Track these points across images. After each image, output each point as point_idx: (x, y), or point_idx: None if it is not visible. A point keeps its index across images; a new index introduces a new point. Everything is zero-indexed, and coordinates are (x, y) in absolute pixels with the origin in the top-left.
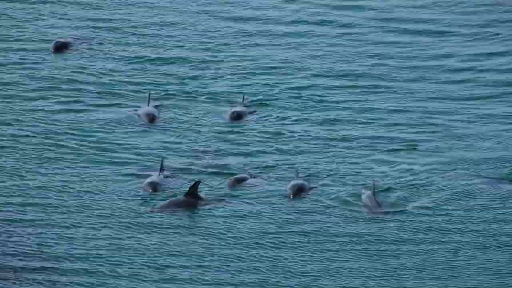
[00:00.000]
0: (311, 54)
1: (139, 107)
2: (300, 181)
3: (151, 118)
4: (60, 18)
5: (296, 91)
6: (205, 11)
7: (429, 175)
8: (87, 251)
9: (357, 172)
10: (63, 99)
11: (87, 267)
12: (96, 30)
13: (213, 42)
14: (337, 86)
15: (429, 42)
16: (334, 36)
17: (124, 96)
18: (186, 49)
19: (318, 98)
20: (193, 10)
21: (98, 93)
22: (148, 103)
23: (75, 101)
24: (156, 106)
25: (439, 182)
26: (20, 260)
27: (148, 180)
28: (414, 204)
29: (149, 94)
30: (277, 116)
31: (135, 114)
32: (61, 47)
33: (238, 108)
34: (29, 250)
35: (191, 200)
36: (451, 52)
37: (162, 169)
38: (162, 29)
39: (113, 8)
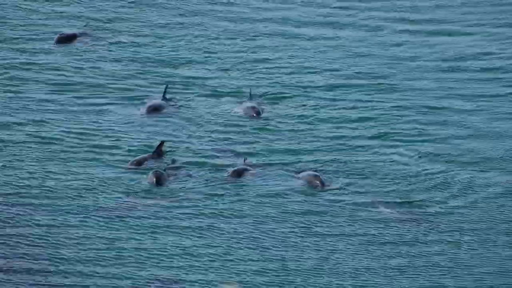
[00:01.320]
0: (321, 53)
1: (148, 99)
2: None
3: (151, 110)
4: (64, 15)
5: (305, 90)
6: (214, 9)
7: (441, 173)
8: (86, 251)
9: (367, 171)
10: (68, 94)
11: (86, 268)
12: (100, 27)
13: (223, 40)
14: (348, 85)
15: (447, 41)
16: (346, 35)
17: (129, 90)
18: (193, 45)
19: (329, 96)
20: (200, 8)
21: (103, 87)
22: (164, 96)
23: (82, 97)
24: (167, 100)
25: (449, 179)
26: (18, 261)
27: (153, 172)
28: (425, 201)
29: (166, 87)
30: (286, 113)
31: (140, 106)
32: (64, 40)
33: (255, 104)
34: (27, 251)
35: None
36: (470, 51)
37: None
38: (169, 26)
39: (118, 7)
